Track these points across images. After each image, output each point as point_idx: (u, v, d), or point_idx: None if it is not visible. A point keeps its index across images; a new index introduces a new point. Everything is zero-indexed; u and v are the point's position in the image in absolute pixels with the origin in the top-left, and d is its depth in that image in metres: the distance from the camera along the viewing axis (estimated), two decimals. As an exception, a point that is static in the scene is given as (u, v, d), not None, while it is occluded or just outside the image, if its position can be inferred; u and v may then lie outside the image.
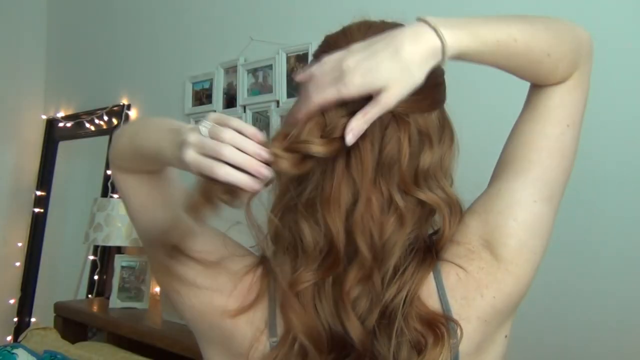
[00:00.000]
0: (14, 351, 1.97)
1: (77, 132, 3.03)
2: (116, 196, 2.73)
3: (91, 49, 3.06)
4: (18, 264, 3.13)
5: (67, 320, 2.47)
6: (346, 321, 0.62)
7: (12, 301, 3.09)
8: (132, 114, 2.78)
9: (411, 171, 0.64)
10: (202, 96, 2.40)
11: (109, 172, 2.81)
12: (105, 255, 2.74)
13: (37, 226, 3.12)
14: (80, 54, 3.13)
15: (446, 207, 0.66)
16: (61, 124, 3.11)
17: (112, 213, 2.45)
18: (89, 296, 2.72)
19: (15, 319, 3.07)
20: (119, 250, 2.61)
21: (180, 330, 1.96)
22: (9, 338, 3.00)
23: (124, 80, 2.86)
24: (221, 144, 0.57)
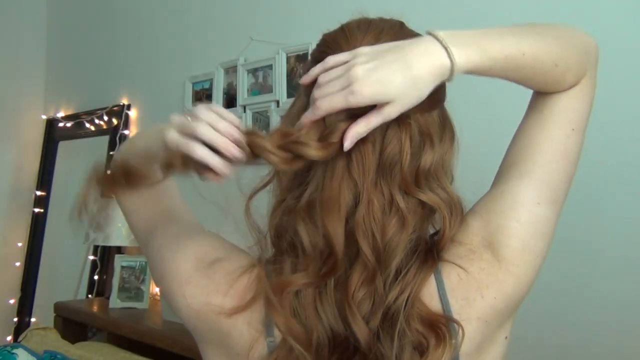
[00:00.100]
0: (14, 351, 1.97)
1: (77, 132, 3.03)
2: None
3: (91, 49, 3.06)
4: (18, 264, 3.13)
5: (67, 320, 2.47)
6: (353, 323, 0.62)
7: (12, 301, 3.09)
8: (132, 114, 2.78)
9: (412, 171, 0.64)
10: (202, 96, 2.40)
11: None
12: (105, 255, 2.74)
13: (37, 226, 3.12)
14: (80, 54, 3.13)
15: (446, 207, 0.65)
16: (61, 124, 3.11)
17: (112, 213, 2.44)
18: (89, 296, 2.73)
19: (15, 319, 3.07)
20: (119, 250, 2.61)
21: (180, 330, 1.96)
22: (9, 338, 3.00)
23: (124, 80, 2.86)
24: (197, 122, 0.60)
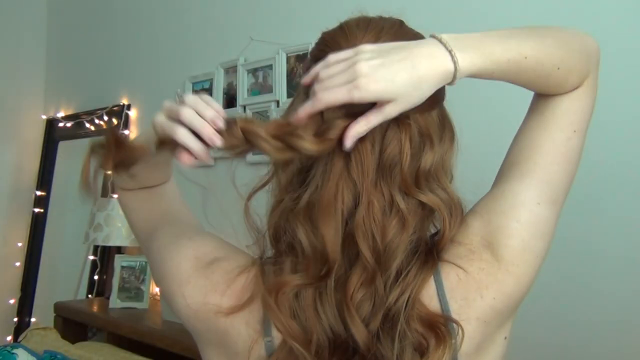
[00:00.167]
0: (14, 351, 1.97)
1: (77, 132, 3.02)
2: (116, 196, 2.73)
3: (91, 49, 3.06)
4: (18, 264, 3.13)
5: (67, 320, 2.47)
6: (351, 325, 0.62)
7: (12, 301, 3.09)
8: (132, 114, 2.78)
9: (412, 172, 0.64)
10: (202, 96, 2.39)
11: (109, 172, 2.82)
12: (105, 255, 2.74)
13: (37, 226, 3.12)
14: (80, 54, 3.13)
15: (446, 208, 0.65)
16: (61, 124, 3.11)
17: (112, 213, 2.45)
18: (89, 296, 2.72)
19: (15, 319, 3.07)
20: (119, 250, 2.61)
21: (180, 330, 1.96)
22: (9, 338, 3.00)
23: (124, 80, 2.86)
24: (183, 106, 0.61)
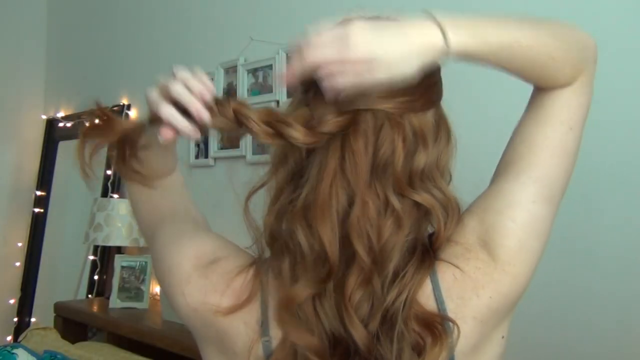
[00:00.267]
0: (14, 351, 1.97)
1: (77, 132, 3.00)
2: (116, 196, 2.73)
3: (91, 49, 3.06)
4: (18, 264, 3.13)
5: (67, 320, 2.47)
6: (350, 326, 0.62)
7: (12, 301, 3.09)
8: (132, 114, 2.78)
9: (406, 172, 0.64)
10: (202, 96, 2.39)
11: (109, 172, 2.84)
12: (105, 255, 2.74)
13: (37, 226, 3.13)
14: (80, 54, 3.13)
15: (441, 208, 0.65)
16: (61, 124, 3.11)
17: (112, 213, 2.45)
18: (89, 296, 2.72)
19: (15, 319, 3.07)
20: (119, 250, 2.61)
21: (180, 330, 1.96)
22: (9, 338, 3.00)
23: (124, 80, 2.86)
24: (173, 81, 0.61)
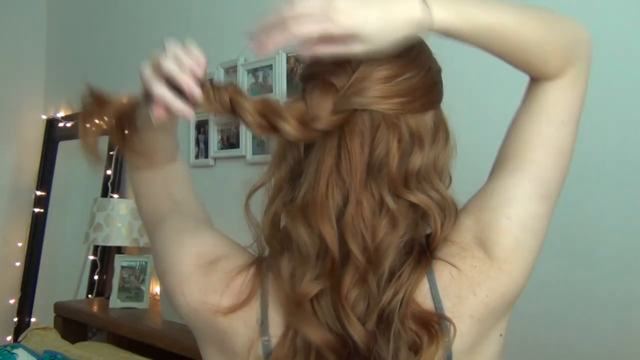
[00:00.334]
0: (14, 351, 1.97)
1: (77, 132, 3.02)
2: (116, 196, 2.73)
3: (91, 49, 3.06)
4: (18, 264, 3.13)
5: (67, 320, 2.47)
6: (348, 324, 0.62)
7: (12, 301, 3.09)
8: (132, 114, 2.78)
9: (401, 173, 0.64)
10: (202, 96, 2.39)
11: (109, 172, 2.83)
12: (105, 255, 2.74)
13: (37, 226, 3.12)
14: (80, 54, 3.13)
15: (438, 209, 0.65)
16: (61, 124, 3.11)
17: (112, 213, 2.45)
18: (89, 296, 2.72)
19: (15, 319, 3.07)
20: (119, 250, 2.61)
21: (180, 330, 1.96)
22: (9, 338, 3.00)
23: (124, 80, 2.84)
24: (164, 57, 0.61)
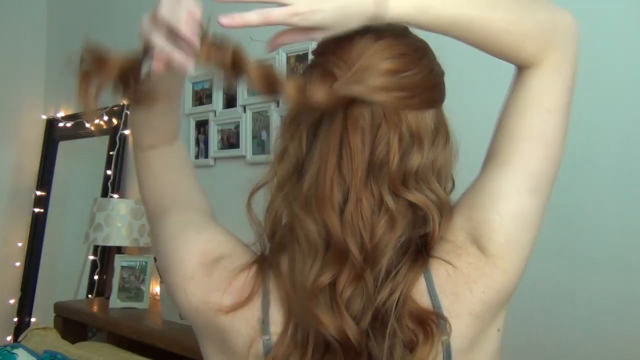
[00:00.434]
0: (14, 351, 1.97)
1: (77, 132, 3.02)
2: (116, 196, 2.73)
3: (91, 49, 3.05)
4: (18, 264, 3.13)
5: (67, 320, 2.47)
6: (341, 322, 0.62)
7: (12, 301, 3.09)
8: (132, 114, 2.78)
9: (400, 172, 0.64)
10: (202, 96, 2.40)
11: (109, 172, 2.84)
12: (105, 255, 2.74)
13: (37, 226, 3.12)
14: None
15: (435, 209, 0.65)
16: (61, 124, 3.11)
17: (112, 213, 2.45)
18: (89, 296, 2.72)
19: (15, 319, 3.07)
20: (119, 250, 2.61)
21: (180, 330, 1.96)
22: (9, 338, 3.00)
23: (123, 81, 2.86)
24: (161, 4, 0.61)
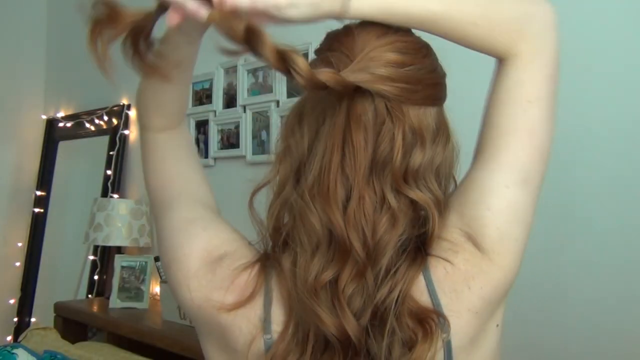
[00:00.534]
0: (14, 351, 1.97)
1: (77, 132, 3.03)
2: (116, 196, 2.73)
3: (91, 49, 3.05)
4: (18, 264, 3.13)
5: (67, 320, 2.47)
6: (342, 318, 0.62)
7: (12, 301, 3.09)
8: (132, 114, 2.78)
9: (402, 170, 0.64)
10: (202, 96, 2.40)
11: (109, 172, 2.84)
12: (105, 255, 2.74)
13: (37, 226, 3.13)
14: (80, 54, 3.12)
15: (435, 207, 0.65)
16: (61, 124, 3.11)
17: (112, 213, 2.45)
18: (89, 296, 2.73)
19: (15, 319, 3.07)
20: (119, 250, 2.61)
21: (180, 330, 1.96)
22: (9, 338, 3.00)
23: (124, 80, 2.85)
24: None
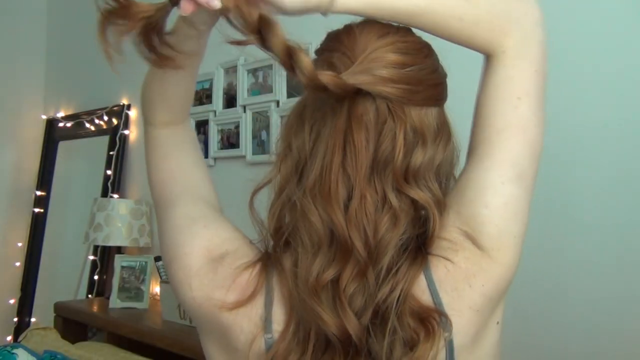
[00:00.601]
0: (14, 351, 1.97)
1: (77, 132, 3.03)
2: (116, 196, 2.73)
3: (91, 49, 3.04)
4: (18, 264, 3.13)
5: (67, 320, 2.47)
6: (343, 317, 0.62)
7: (12, 301, 3.09)
8: (132, 114, 2.78)
9: (403, 169, 0.64)
10: (202, 96, 2.40)
11: (109, 172, 2.84)
12: (105, 255, 2.74)
13: (37, 226, 3.13)
14: (80, 54, 3.13)
15: (436, 206, 0.65)
16: (61, 124, 3.11)
17: (112, 213, 2.45)
18: (89, 296, 2.73)
19: (15, 319, 3.07)
20: (119, 250, 2.61)
21: (180, 330, 1.96)
22: (9, 338, 3.00)
23: (124, 80, 2.86)
24: None
